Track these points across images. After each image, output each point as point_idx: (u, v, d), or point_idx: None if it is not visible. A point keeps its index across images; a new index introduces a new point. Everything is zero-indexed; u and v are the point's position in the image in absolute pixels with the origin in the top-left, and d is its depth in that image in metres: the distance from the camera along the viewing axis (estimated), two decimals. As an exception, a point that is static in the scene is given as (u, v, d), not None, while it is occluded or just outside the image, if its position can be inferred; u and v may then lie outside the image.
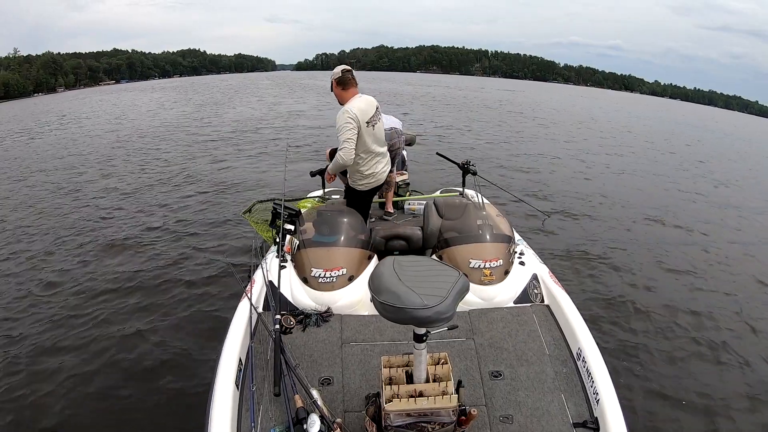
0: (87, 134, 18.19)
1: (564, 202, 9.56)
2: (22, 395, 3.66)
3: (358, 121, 3.82)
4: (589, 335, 2.76)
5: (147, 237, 6.87)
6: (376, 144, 4.11)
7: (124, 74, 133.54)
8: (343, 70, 3.97)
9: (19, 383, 3.78)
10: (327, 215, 3.84)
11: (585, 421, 2.31)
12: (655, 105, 75.73)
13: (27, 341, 4.34)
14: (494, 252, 3.51)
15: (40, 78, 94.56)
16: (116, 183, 10.11)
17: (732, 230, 8.99)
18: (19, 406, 3.55)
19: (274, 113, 25.74)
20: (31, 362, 4.03)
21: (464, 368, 2.65)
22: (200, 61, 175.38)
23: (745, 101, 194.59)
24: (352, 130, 3.80)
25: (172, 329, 4.53)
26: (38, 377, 3.85)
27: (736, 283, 6.36)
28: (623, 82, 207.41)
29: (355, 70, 4.11)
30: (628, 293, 5.67)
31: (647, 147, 19.68)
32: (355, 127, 3.81)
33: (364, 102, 3.97)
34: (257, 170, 11.48)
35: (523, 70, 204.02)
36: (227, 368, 2.45)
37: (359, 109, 3.85)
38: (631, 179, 12.58)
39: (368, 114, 3.93)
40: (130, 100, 39.19)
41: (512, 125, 23.53)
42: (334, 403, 2.42)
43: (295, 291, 3.27)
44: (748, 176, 15.44)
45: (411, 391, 2.01)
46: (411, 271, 1.97)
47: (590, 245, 7.19)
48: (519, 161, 13.65)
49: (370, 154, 4.09)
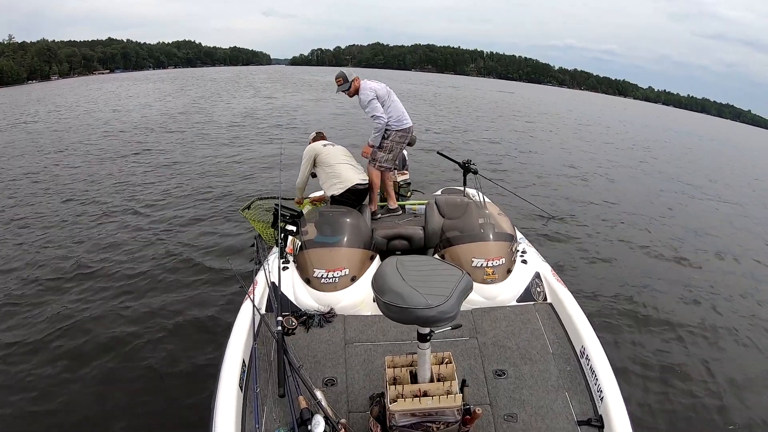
0: (79, 128, 17.89)
1: (566, 201, 9.65)
2: (22, 399, 3.63)
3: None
4: (592, 333, 2.78)
5: (146, 238, 6.79)
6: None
7: (118, 64, 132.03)
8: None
9: (19, 387, 3.75)
10: (329, 216, 3.85)
11: (589, 419, 2.34)
12: (659, 113, 76.33)
13: (24, 344, 4.28)
14: (496, 251, 3.53)
15: (35, 65, 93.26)
16: (112, 183, 9.95)
17: (740, 229, 9.24)
18: (20, 412, 3.52)
19: (273, 107, 25.71)
20: (31, 367, 3.98)
21: (468, 367, 2.67)
22: (195, 53, 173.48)
23: (737, 110, 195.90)
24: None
25: (174, 331, 4.51)
26: (38, 380, 3.82)
27: (743, 279, 6.49)
28: (617, 87, 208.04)
29: (350, 66, 4.28)
30: (631, 290, 5.72)
31: (650, 152, 19.91)
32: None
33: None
34: (257, 169, 11.42)
35: (518, 72, 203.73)
36: (231, 370, 2.46)
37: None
38: (633, 180, 12.76)
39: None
40: (126, 91, 38.75)
41: (514, 126, 23.73)
42: (339, 404, 2.44)
43: (297, 292, 3.28)
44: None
45: (415, 390, 2.02)
46: (414, 270, 1.99)
47: (592, 243, 7.27)
48: (520, 161, 13.78)
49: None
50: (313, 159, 4.80)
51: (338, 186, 4.58)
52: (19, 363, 4.02)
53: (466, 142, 16.71)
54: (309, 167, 4.85)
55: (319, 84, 48.09)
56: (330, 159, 4.75)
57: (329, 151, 4.83)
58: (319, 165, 4.77)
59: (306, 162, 4.84)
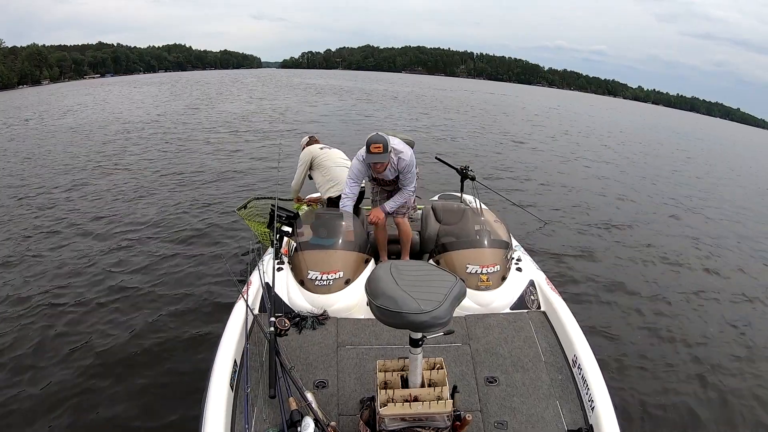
0: (75, 131, 17.80)
1: (563, 209, 9.62)
2: (11, 400, 3.61)
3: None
4: (585, 342, 2.78)
5: (140, 238, 6.77)
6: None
7: (109, 68, 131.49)
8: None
9: (8, 389, 3.71)
10: (325, 218, 3.86)
11: (580, 428, 2.34)
12: (652, 112, 76.54)
13: (20, 347, 4.25)
14: (491, 257, 3.53)
15: (25, 70, 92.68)
16: (108, 183, 9.94)
17: (736, 234, 9.27)
18: (7, 412, 3.49)
19: (266, 109, 25.72)
20: (23, 369, 3.95)
21: (460, 373, 2.66)
22: (186, 57, 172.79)
23: (726, 108, 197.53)
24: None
25: (166, 329, 4.50)
26: (28, 380, 3.81)
27: (738, 290, 6.46)
28: (607, 87, 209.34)
29: (340, 69, 4.24)
30: (625, 300, 5.72)
31: (645, 155, 20.05)
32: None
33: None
34: (253, 169, 11.43)
35: (508, 73, 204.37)
36: (222, 369, 2.45)
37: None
38: (629, 187, 12.70)
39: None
40: (118, 96, 38.53)
41: (509, 129, 23.77)
42: (329, 407, 2.43)
43: (291, 293, 3.28)
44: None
45: (406, 395, 2.02)
46: (408, 275, 1.98)
47: (588, 252, 7.25)
48: (518, 168, 13.70)
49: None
50: (309, 162, 4.85)
51: (335, 189, 4.61)
52: (6, 370, 3.97)
53: (462, 148, 16.61)
54: (305, 170, 4.90)
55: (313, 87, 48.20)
56: (327, 162, 4.82)
57: (326, 154, 4.91)
58: (316, 168, 4.81)
59: (303, 165, 4.90)
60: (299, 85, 52.74)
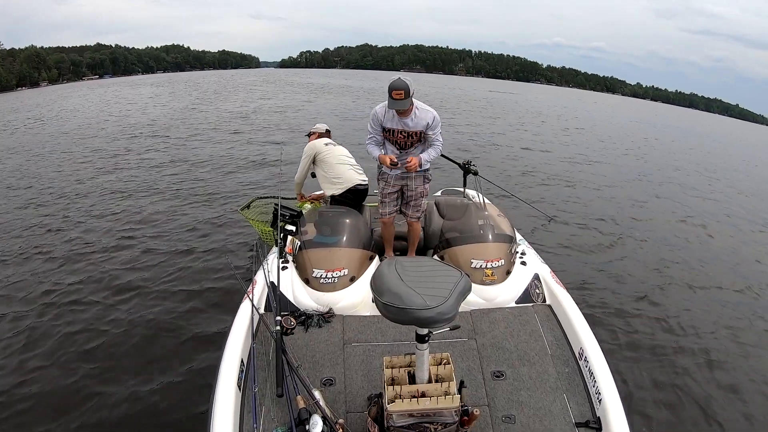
0: (75, 132, 17.75)
1: (567, 203, 9.60)
2: (15, 400, 3.61)
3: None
4: (591, 335, 2.79)
5: (142, 238, 6.75)
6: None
7: (107, 69, 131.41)
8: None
9: (12, 390, 3.72)
10: (328, 216, 3.85)
11: (587, 420, 2.35)
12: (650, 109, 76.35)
13: (20, 350, 4.24)
14: (496, 252, 3.54)
15: (24, 72, 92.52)
16: (108, 184, 9.88)
17: (739, 228, 9.28)
18: (15, 412, 3.50)
19: (266, 108, 25.59)
20: (26, 371, 3.94)
21: (466, 368, 2.68)
22: (184, 57, 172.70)
23: (725, 104, 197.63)
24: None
25: (172, 329, 4.49)
26: (33, 381, 3.80)
27: (743, 280, 6.46)
28: (605, 84, 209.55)
29: (339, 68, 4.22)
30: (631, 292, 5.71)
31: (648, 151, 20.01)
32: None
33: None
34: (255, 169, 11.39)
35: (506, 71, 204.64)
36: (229, 369, 2.46)
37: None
38: (633, 181, 12.72)
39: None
40: (117, 97, 38.46)
41: (512, 124, 23.79)
42: (337, 404, 2.44)
43: (296, 292, 3.29)
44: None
45: (413, 391, 2.03)
46: (413, 271, 1.99)
47: (592, 244, 7.24)
48: (521, 162, 13.70)
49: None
50: (312, 157, 4.77)
51: (338, 186, 4.57)
52: (13, 370, 3.98)
53: (465, 142, 16.59)
54: (308, 164, 4.82)
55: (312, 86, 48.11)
56: (330, 159, 4.72)
57: (330, 150, 4.80)
58: (319, 164, 4.74)
59: (306, 158, 4.80)
60: (299, 84, 52.64)
